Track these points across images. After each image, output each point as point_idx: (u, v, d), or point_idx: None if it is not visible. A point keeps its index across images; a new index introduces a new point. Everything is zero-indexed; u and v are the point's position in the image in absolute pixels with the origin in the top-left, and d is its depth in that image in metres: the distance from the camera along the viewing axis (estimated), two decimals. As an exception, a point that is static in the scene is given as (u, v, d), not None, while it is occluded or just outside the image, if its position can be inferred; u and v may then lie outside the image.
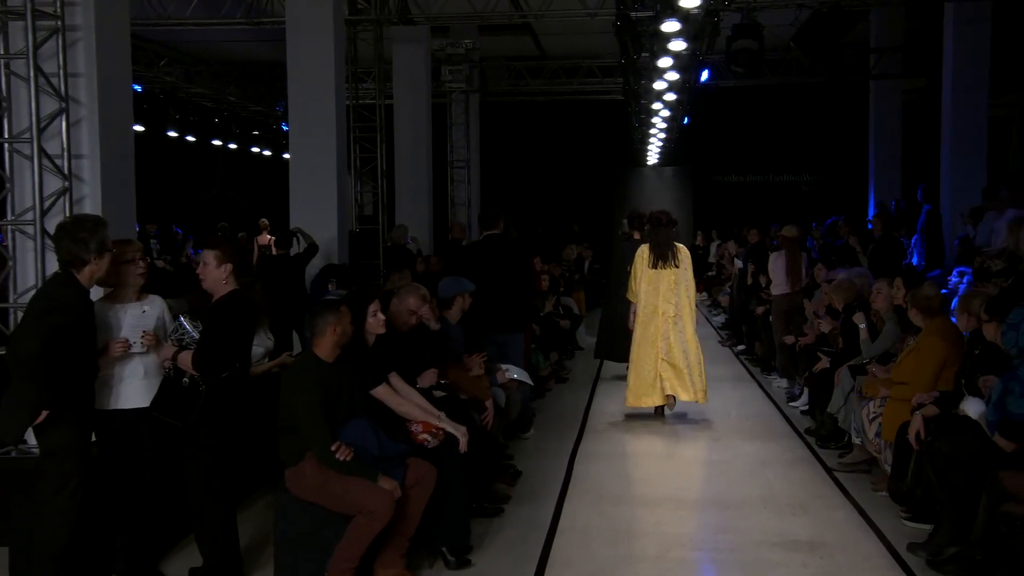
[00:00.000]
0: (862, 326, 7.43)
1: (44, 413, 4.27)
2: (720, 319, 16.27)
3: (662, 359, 8.44)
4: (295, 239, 9.97)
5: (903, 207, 13.48)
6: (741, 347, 12.90)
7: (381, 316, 5.49)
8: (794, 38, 12.13)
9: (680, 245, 8.66)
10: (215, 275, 4.77)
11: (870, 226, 12.85)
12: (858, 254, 10.42)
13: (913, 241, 12.11)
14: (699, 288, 20.89)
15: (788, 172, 23.26)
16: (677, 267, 8.48)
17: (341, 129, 10.67)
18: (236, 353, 4.73)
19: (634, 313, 8.59)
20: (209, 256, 4.78)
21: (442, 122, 17.74)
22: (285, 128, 18.18)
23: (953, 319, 6.41)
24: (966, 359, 5.74)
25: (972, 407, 5.20)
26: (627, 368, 8.76)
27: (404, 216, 14.29)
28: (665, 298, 8.45)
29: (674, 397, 8.54)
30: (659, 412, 8.72)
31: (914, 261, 11.35)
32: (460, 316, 7.32)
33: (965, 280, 7.79)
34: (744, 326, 12.81)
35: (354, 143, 13.45)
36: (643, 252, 8.60)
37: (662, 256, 8.47)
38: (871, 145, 17.76)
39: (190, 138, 19.77)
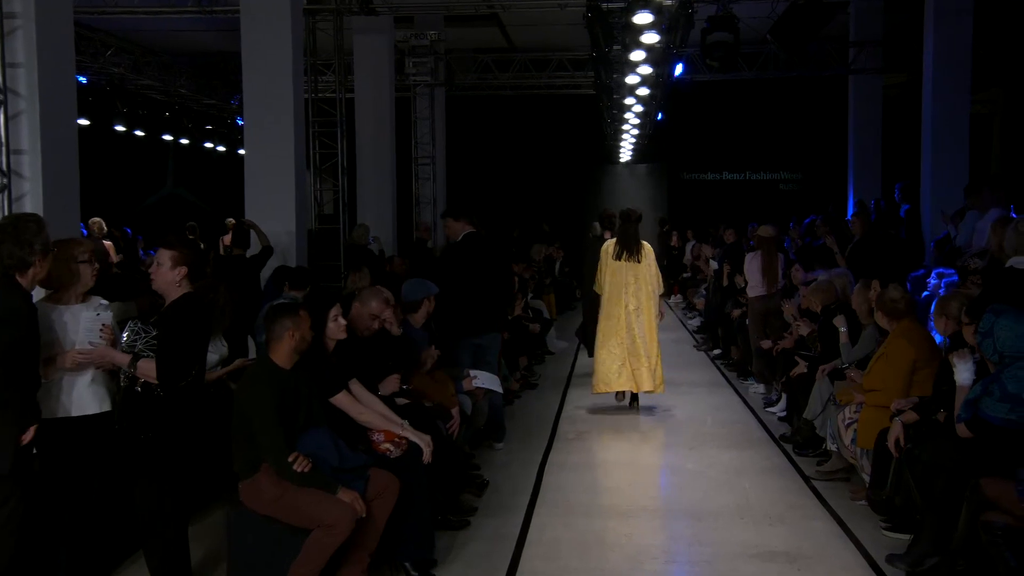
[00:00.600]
0: (843, 329, 7.51)
1: (32, 428, 4.24)
2: (695, 322, 16.37)
3: (626, 348, 9.17)
4: (249, 236, 9.90)
5: (883, 207, 13.62)
6: (717, 351, 13.00)
7: (342, 321, 5.47)
8: (771, 31, 12.20)
9: (645, 242, 9.38)
10: (168, 277, 4.71)
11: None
12: (835, 255, 10.52)
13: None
14: (674, 290, 21.08)
15: (765, 170, 23.45)
16: (639, 262, 9.22)
17: (299, 124, 10.62)
18: (193, 360, 4.69)
19: (590, 300, 9.53)
20: (165, 256, 4.72)
21: (406, 117, 17.70)
22: (240, 122, 18.08)
23: (931, 323, 6.50)
24: (945, 364, 5.81)
25: (963, 373, 5.24)
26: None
27: (366, 215, 14.25)
28: (627, 291, 9.21)
29: (631, 391, 9.36)
30: (620, 397, 9.44)
31: None
32: (424, 320, 7.32)
33: (944, 282, 7.88)
34: (720, 329, 12.91)
35: (313, 138, 13.38)
36: (609, 246, 9.39)
37: (628, 249, 9.23)
38: (850, 142, 17.93)
39: (139, 133, 19.54)
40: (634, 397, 9.48)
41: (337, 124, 13.38)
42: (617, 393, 9.40)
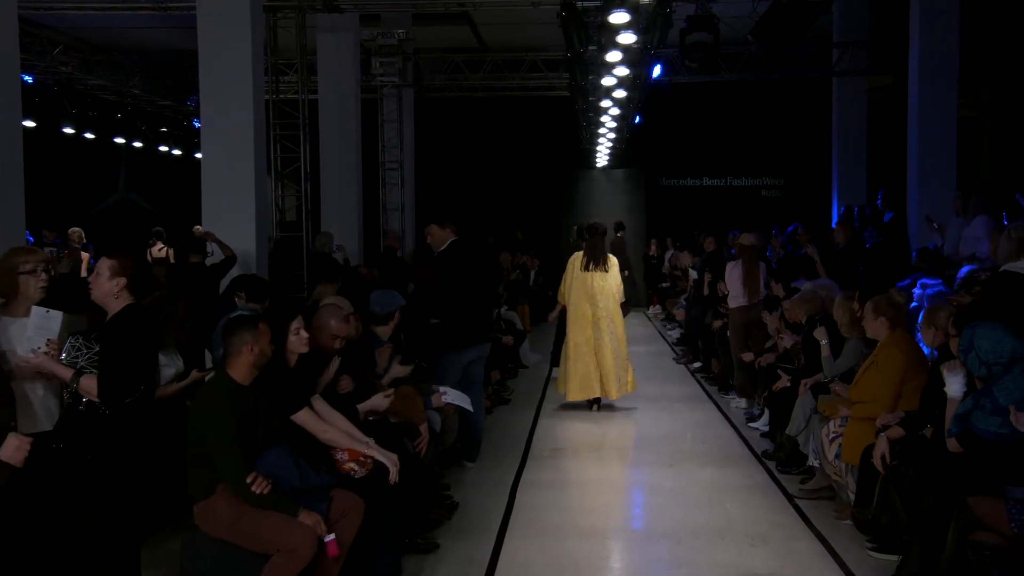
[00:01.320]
0: (823, 342, 7.56)
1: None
2: (675, 334, 16.44)
3: (595, 356, 10.22)
4: (206, 243, 9.84)
5: (867, 214, 13.73)
6: (697, 364, 13.06)
7: (304, 334, 5.45)
8: (752, 31, 12.31)
9: (610, 254, 10.56)
10: (105, 288, 4.64)
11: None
12: (816, 264, 10.60)
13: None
14: (652, 301, 21.18)
15: (747, 176, 23.56)
16: (606, 272, 10.37)
17: (260, 126, 10.57)
18: (140, 375, 4.64)
19: (558, 311, 10.63)
20: (104, 266, 4.67)
21: (373, 119, 17.67)
22: (197, 125, 17.98)
23: (918, 334, 6.56)
24: (933, 377, 5.86)
25: (954, 385, 5.29)
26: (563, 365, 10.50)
27: (330, 222, 14.19)
28: (594, 301, 10.30)
29: (598, 400, 10.38)
30: (592, 404, 10.44)
31: None
32: (391, 333, 7.31)
33: (928, 292, 7.96)
34: (700, 342, 12.97)
35: (275, 142, 13.33)
36: (576, 258, 10.46)
37: (594, 260, 10.35)
38: (835, 147, 18.08)
39: (88, 135, 19.38)
40: (596, 400, 10.44)
41: (300, 127, 13.32)
42: (593, 404, 10.39)
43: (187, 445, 4.74)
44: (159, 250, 16.84)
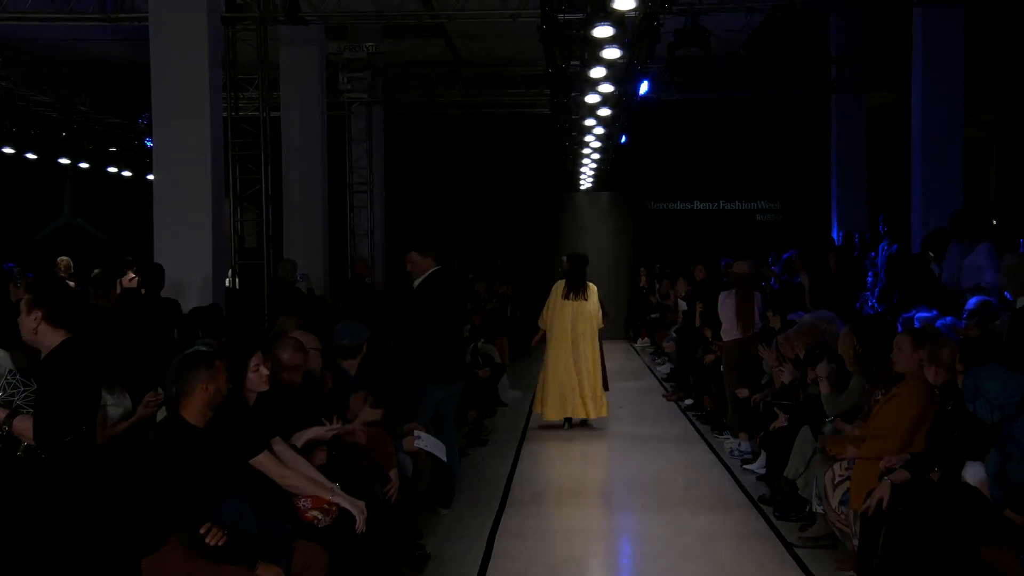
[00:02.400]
0: (823, 378, 7.58)
1: None
2: (665, 368, 16.45)
3: (573, 378, 11.52)
4: (163, 274, 9.77)
5: (868, 239, 13.83)
6: (688, 401, 13.06)
7: (264, 371, 5.41)
8: (745, 46, 12.47)
9: (590, 283, 11.79)
10: (25, 324, 4.60)
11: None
12: (805, 293, 10.67)
13: (869, 281, 12.42)
14: (641, 333, 21.21)
15: (741, 199, 23.64)
16: (586, 300, 11.67)
17: (217, 146, 10.58)
18: (79, 414, 4.58)
19: (540, 337, 12.01)
20: (24, 300, 4.65)
21: (340, 138, 17.70)
22: (149, 144, 17.94)
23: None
24: (940, 417, 5.88)
25: (971, 472, 5.32)
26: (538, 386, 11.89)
27: (294, 249, 14.18)
28: (573, 327, 11.61)
29: (570, 419, 11.64)
30: (568, 423, 11.68)
31: (871, 303, 11.62)
32: (358, 368, 7.29)
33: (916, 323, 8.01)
34: (691, 377, 12.98)
35: (233, 162, 13.32)
36: (559, 286, 11.75)
37: (574, 289, 11.66)
38: (834, 168, 18.23)
39: (30, 156, 19.30)
40: (567, 419, 11.69)
41: (261, 146, 13.32)
42: (566, 422, 11.64)
43: (135, 492, 4.69)
44: (129, 280, 16.74)
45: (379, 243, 18.30)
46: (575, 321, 11.62)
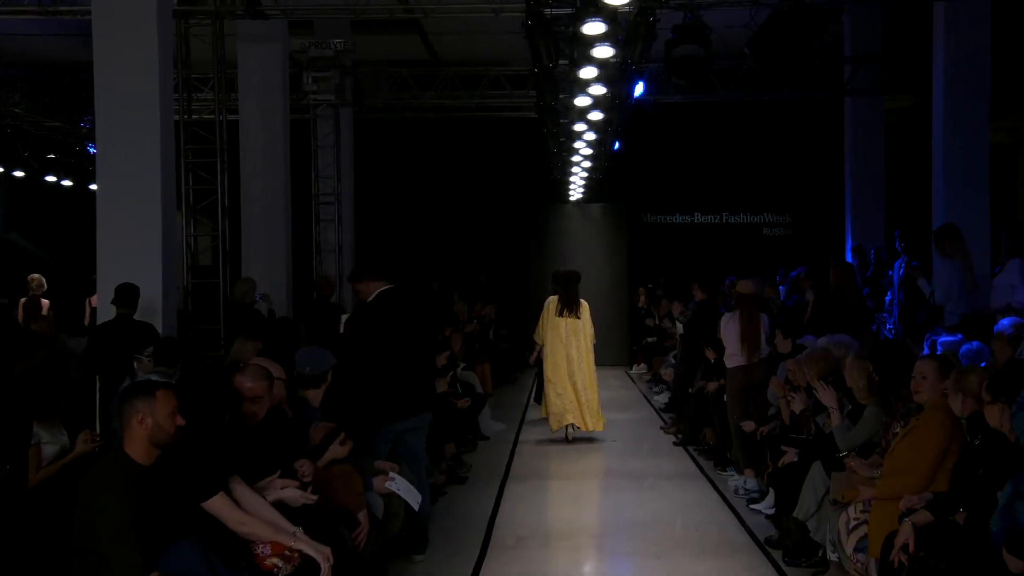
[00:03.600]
0: (833, 409, 7.58)
1: None
2: (663, 398, 16.44)
3: (571, 392, 13.01)
4: (137, 295, 9.70)
5: (883, 257, 13.87)
6: (689, 434, 13.04)
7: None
8: (749, 44, 12.51)
9: (583, 300, 13.31)
10: None
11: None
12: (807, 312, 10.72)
13: (887, 301, 12.46)
14: (637, 359, 21.21)
15: (746, 211, 23.70)
16: (578, 318, 13.18)
17: (168, 153, 10.55)
18: (3, 452, 4.54)
19: (538, 352, 13.47)
20: None
21: (304, 145, 17.68)
22: (92, 150, 17.89)
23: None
24: (966, 452, 5.87)
25: None
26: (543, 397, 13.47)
27: (253, 267, 14.13)
28: (567, 343, 13.11)
29: (574, 426, 13.12)
30: (570, 430, 13.18)
31: (888, 326, 11.68)
32: (322, 399, 7.26)
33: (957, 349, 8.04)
34: (692, 407, 12.96)
35: (186, 171, 13.29)
36: (552, 303, 13.27)
37: (568, 306, 13.15)
38: (847, 178, 18.28)
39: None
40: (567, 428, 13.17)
41: (217, 153, 13.30)
42: (567, 429, 13.15)
43: (73, 538, 4.65)
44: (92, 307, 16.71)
45: (347, 260, 18.23)
46: (569, 337, 13.10)
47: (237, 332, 9.57)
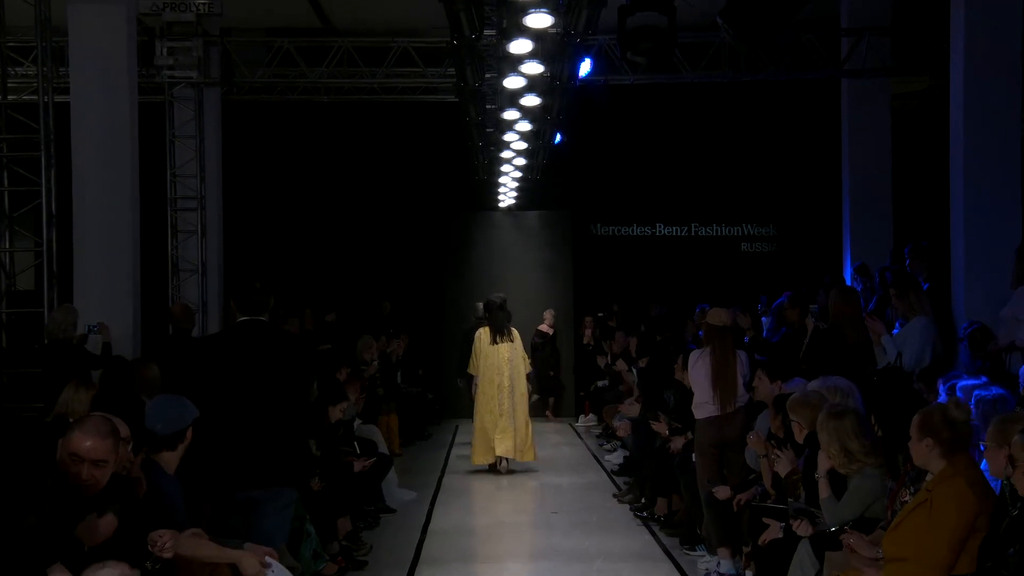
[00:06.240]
0: (822, 476, 7.63)
1: None
2: (616, 457, 16.48)
3: (500, 421, 15.66)
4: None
5: (888, 279, 13.98)
6: (647, 503, 13.07)
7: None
8: (723, 12, 12.57)
9: (512, 328, 16.18)
10: None
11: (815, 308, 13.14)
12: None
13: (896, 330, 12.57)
14: (585, 409, 21.25)
15: (720, 222, 23.81)
16: (512, 342, 16.03)
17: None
18: None
19: (475, 385, 16.15)
20: None
21: (158, 134, 17.55)
22: None
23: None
24: (996, 522, 5.91)
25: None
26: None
27: (89, 292, 13.88)
28: (499, 371, 15.93)
29: (506, 459, 15.79)
30: (493, 468, 15.91)
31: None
32: (179, 461, 7.18)
33: (981, 394, 8.10)
34: (651, 469, 12.99)
35: (0, 167, 13.11)
36: (483, 333, 16.21)
37: (499, 332, 16.01)
38: (845, 179, 18.41)
39: None
40: (496, 463, 15.91)
41: (41, 144, 13.13)
42: (494, 463, 15.86)
43: None
44: None
45: (214, 282, 18.09)
46: (504, 367, 15.94)
47: (58, 376, 9.45)
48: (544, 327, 22.31)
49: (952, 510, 6.22)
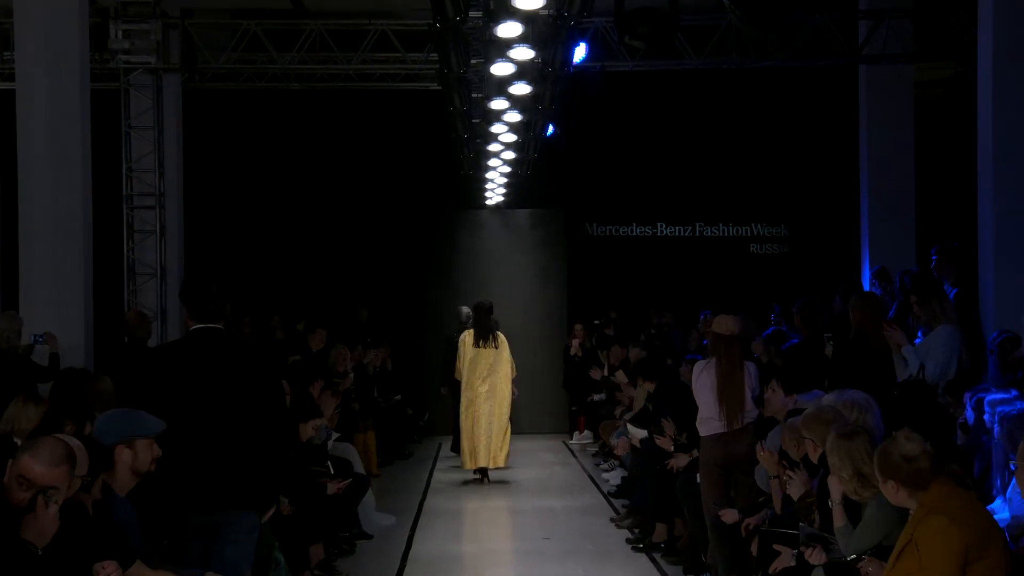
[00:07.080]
0: (836, 502, 7.61)
1: None
2: (614, 476, 16.46)
3: (482, 427, 16.72)
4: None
5: (907, 284, 13.96)
6: (647, 528, 13.06)
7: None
8: (730, -8, 12.61)
9: (499, 332, 17.18)
10: None
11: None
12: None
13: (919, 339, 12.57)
14: (579, 425, 21.21)
15: (727, 222, 23.82)
16: (496, 348, 16.97)
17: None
18: None
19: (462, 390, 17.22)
20: None
21: (113, 124, 17.52)
22: None
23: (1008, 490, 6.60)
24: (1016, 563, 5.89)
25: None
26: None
27: (37, 297, 13.87)
28: (481, 377, 16.88)
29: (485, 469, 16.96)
30: (479, 473, 17.03)
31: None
32: (136, 482, 7.14)
33: (1005, 409, 8.11)
34: (652, 492, 12.97)
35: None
36: (467, 336, 17.27)
37: (483, 337, 16.96)
38: (863, 175, 18.43)
39: None
40: (484, 472, 16.98)
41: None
42: (475, 471, 16.93)
43: None
44: None
45: (173, 287, 18.03)
46: (487, 373, 16.92)
47: (1, 390, 9.42)
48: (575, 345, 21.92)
49: (938, 553, 6.25)
